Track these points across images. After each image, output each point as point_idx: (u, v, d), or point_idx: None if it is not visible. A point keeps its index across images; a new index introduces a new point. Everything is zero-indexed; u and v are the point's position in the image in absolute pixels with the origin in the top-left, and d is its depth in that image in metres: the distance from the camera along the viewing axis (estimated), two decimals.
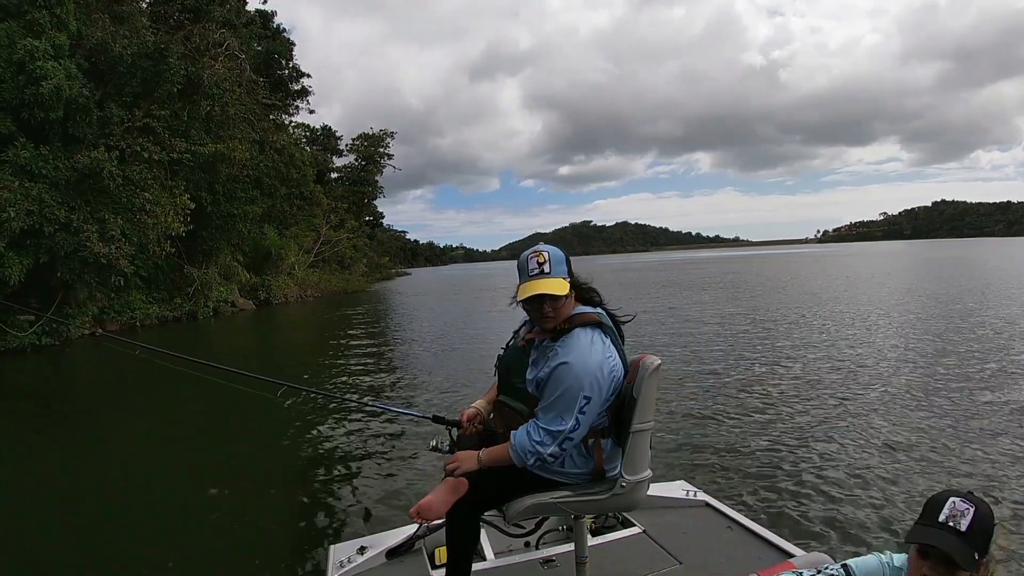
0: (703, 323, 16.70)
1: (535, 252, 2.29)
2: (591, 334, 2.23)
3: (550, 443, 2.15)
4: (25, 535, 5.11)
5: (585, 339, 2.21)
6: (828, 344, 12.23)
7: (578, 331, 2.22)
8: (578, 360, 2.15)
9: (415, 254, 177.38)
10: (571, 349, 2.18)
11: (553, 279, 2.24)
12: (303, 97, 47.15)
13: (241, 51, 29.01)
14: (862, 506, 4.78)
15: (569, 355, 2.16)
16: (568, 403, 2.13)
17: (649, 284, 37.26)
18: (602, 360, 2.19)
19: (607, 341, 2.26)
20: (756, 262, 72.04)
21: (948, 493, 1.53)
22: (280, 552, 4.56)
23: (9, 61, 17.69)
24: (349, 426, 7.89)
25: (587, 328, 2.24)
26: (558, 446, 2.16)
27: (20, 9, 18.33)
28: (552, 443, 2.15)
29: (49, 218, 17.94)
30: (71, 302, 20.04)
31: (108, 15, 22.09)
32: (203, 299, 26.76)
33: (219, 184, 26.03)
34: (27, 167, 17.97)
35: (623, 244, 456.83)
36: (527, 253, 2.34)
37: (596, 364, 2.16)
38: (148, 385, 11.20)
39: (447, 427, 2.70)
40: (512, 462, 2.23)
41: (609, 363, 2.21)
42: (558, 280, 2.24)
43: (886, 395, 8.11)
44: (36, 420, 9.98)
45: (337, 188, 52.95)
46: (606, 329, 2.28)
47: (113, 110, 21.45)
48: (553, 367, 2.18)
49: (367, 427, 7.76)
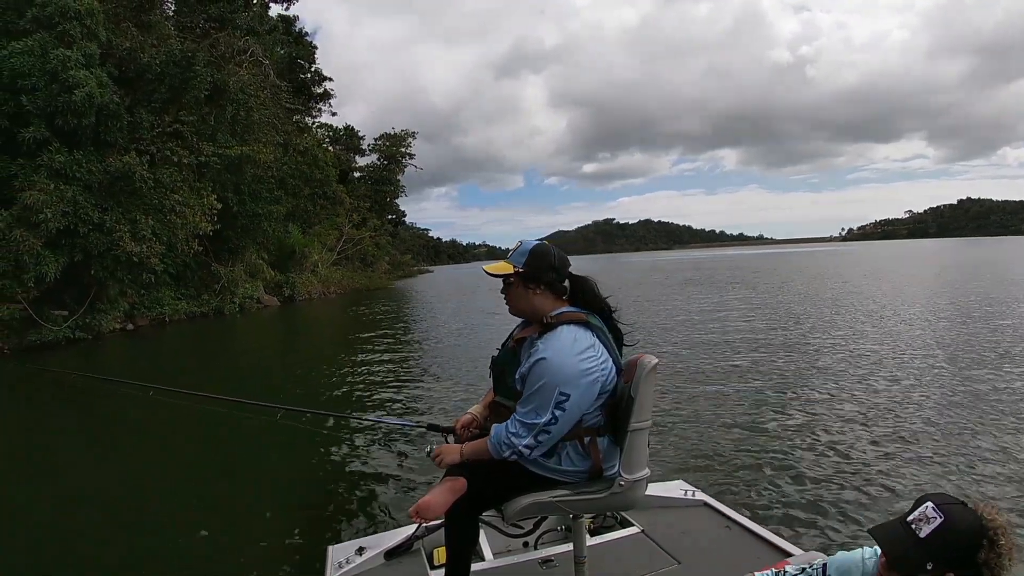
0: (705, 322, 16.68)
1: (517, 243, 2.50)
2: (575, 332, 2.27)
3: (525, 435, 2.21)
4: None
5: (567, 336, 2.25)
6: (833, 343, 12.08)
7: (561, 328, 2.28)
8: (555, 356, 2.20)
9: (438, 252, 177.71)
10: (550, 345, 2.24)
11: (500, 262, 2.46)
12: (325, 100, 48.22)
13: (265, 57, 29.82)
14: (863, 506, 4.80)
15: (547, 351, 2.22)
16: (545, 397, 2.18)
17: (654, 285, 37.16)
18: (581, 357, 2.22)
19: (593, 340, 2.29)
20: (784, 261, 70.78)
21: (933, 496, 1.54)
22: (278, 553, 4.56)
23: (43, 71, 18.56)
24: (348, 431, 7.87)
25: (571, 325, 2.29)
26: (533, 438, 2.21)
27: (52, 21, 19.24)
28: (527, 435, 2.21)
29: (83, 219, 19.00)
30: (103, 298, 21.03)
31: (135, 24, 23.03)
32: (230, 296, 27.69)
33: (245, 185, 26.92)
34: (62, 170, 18.90)
35: (646, 242, 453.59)
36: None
37: (573, 361, 2.21)
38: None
39: (443, 434, 2.76)
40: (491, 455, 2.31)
41: (590, 361, 2.24)
42: (501, 263, 2.44)
43: (889, 395, 8.01)
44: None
45: (360, 187, 53.61)
46: (593, 328, 2.32)
47: (143, 116, 22.37)
48: (532, 362, 2.24)
49: (365, 433, 7.77)
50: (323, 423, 7.77)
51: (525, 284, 2.38)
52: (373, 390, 10.60)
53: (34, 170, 18.54)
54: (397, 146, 57.73)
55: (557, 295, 2.41)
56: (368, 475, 6.24)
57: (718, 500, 3.49)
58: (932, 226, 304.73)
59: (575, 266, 2.48)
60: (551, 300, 2.40)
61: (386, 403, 9.63)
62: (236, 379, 13.19)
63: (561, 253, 2.44)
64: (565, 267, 2.42)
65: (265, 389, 11.25)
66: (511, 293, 2.43)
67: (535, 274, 2.37)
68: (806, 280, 33.27)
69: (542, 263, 2.37)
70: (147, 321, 23.21)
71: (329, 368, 13.07)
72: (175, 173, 22.60)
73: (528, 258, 2.38)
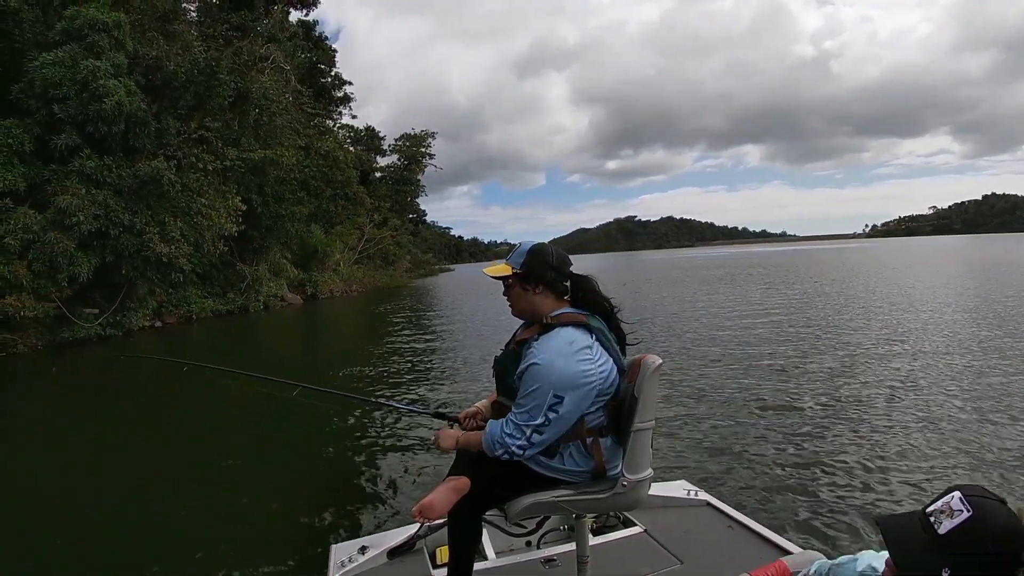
0: (708, 322, 16.69)
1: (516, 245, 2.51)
2: (572, 334, 2.25)
3: (519, 437, 2.20)
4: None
5: (563, 338, 2.23)
6: (840, 344, 12.01)
7: (559, 330, 2.25)
8: (549, 359, 2.18)
9: (459, 250, 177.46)
10: (545, 348, 2.22)
11: (500, 264, 2.48)
12: (345, 103, 49.08)
13: (286, 63, 30.65)
14: (865, 506, 4.77)
15: (542, 354, 2.20)
16: (539, 400, 2.17)
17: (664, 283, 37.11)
18: (577, 360, 2.20)
19: (592, 341, 2.27)
20: (808, 258, 68.80)
21: (963, 487, 1.28)
22: (281, 551, 4.55)
23: (73, 80, 19.51)
24: (352, 424, 7.92)
25: (569, 327, 2.26)
26: (526, 440, 2.20)
27: (81, 33, 20.20)
28: (520, 437, 2.20)
29: (114, 221, 19.98)
30: (133, 297, 21.99)
31: (160, 33, 23.99)
32: (254, 294, 28.60)
33: (268, 187, 27.85)
34: (93, 176, 19.91)
35: (668, 239, 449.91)
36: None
37: (569, 364, 2.18)
38: (157, 383, 11.83)
39: (448, 423, 2.76)
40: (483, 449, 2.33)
41: (586, 364, 2.21)
42: (501, 265, 2.45)
43: (894, 397, 7.94)
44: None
45: (380, 187, 54.38)
46: (593, 329, 2.29)
47: (169, 122, 23.36)
48: (527, 365, 2.22)
49: (370, 425, 7.81)
50: (332, 406, 7.73)
51: (523, 285, 2.39)
52: (388, 380, 10.89)
53: (66, 175, 19.55)
54: (417, 146, 58.23)
55: (558, 295, 2.41)
56: (371, 474, 6.27)
57: (721, 500, 3.47)
58: (956, 222, 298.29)
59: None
60: (551, 300, 2.39)
61: (398, 392, 9.80)
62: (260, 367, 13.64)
63: (560, 252, 2.44)
64: (564, 266, 2.41)
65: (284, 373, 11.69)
66: (512, 295, 2.44)
67: (533, 274, 2.37)
68: (821, 277, 33.00)
69: (540, 263, 2.37)
70: (175, 319, 24.14)
71: (347, 360, 13.48)
72: (201, 177, 23.56)
73: (526, 258, 2.39)
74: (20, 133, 18.99)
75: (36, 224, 18.27)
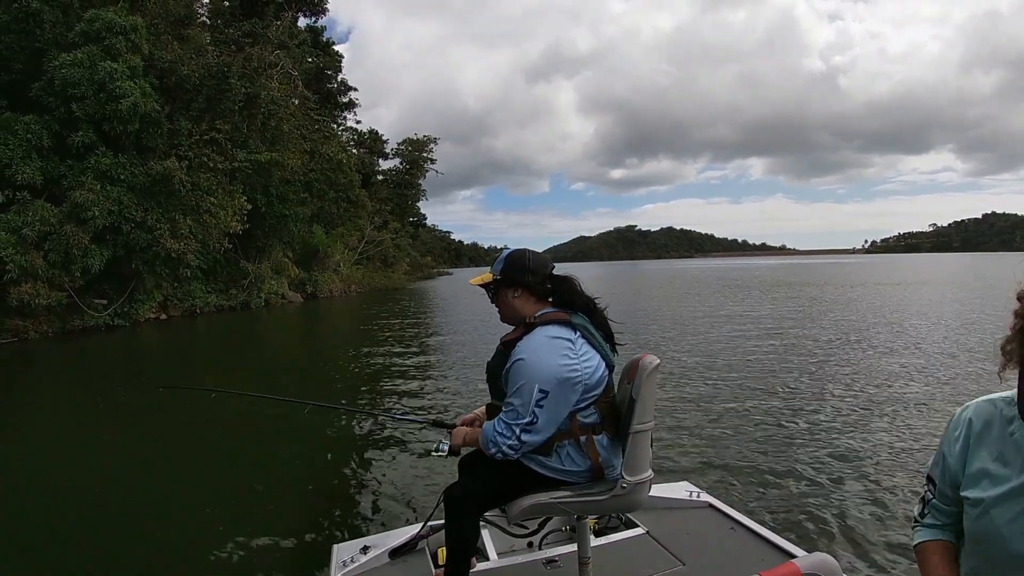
0: (710, 324, 17.00)
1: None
2: (553, 330, 2.30)
3: (509, 436, 2.23)
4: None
5: (544, 335, 2.29)
6: (841, 347, 12.20)
7: (539, 327, 2.31)
8: (532, 356, 2.23)
9: (459, 254, 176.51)
10: (527, 346, 2.27)
11: (484, 273, 2.58)
12: (350, 109, 50.02)
13: (294, 69, 31.57)
14: (867, 507, 4.77)
15: (524, 352, 2.25)
16: (524, 396, 2.20)
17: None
18: (558, 354, 2.24)
19: (575, 336, 2.31)
20: (807, 271, 68.39)
21: None
22: (283, 551, 4.54)
23: (91, 81, 20.38)
24: (353, 428, 7.89)
25: (551, 325, 2.32)
26: (517, 439, 2.23)
27: (99, 35, 21.09)
28: (511, 436, 2.23)
29: (127, 217, 20.93)
30: (140, 290, 22.88)
31: (175, 37, 24.91)
32: (256, 291, 29.54)
33: (273, 187, 28.79)
34: (108, 173, 20.84)
35: (668, 250, 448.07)
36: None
37: (550, 359, 2.22)
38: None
39: (447, 431, 2.75)
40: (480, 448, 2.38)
41: (568, 359, 2.25)
42: (485, 274, 2.56)
43: (901, 403, 7.94)
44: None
45: (382, 190, 54.99)
46: (576, 326, 2.33)
47: (182, 123, 24.29)
48: (511, 364, 2.27)
49: (370, 430, 7.79)
50: (329, 416, 7.91)
51: (505, 290, 2.47)
52: (382, 387, 10.86)
53: (82, 171, 20.47)
54: (419, 151, 58.90)
55: (539, 297, 2.46)
56: (373, 474, 6.26)
57: (723, 502, 3.45)
58: (956, 240, 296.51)
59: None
60: (533, 302, 2.45)
61: (392, 400, 9.73)
62: (261, 370, 13.93)
63: (538, 256, 2.52)
64: (543, 269, 2.47)
65: (284, 380, 12.25)
66: (497, 301, 2.53)
67: (512, 279, 2.44)
68: (817, 288, 33.31)
69: (517, 268, 2.45)
70: (179, 312, 25.04)
71: (342, 363, 13.77)
72: (210, 177, 24.47)
73: (503, 265, 2.47)
74: (39, 129, 19.82)
75: (53, 217, 19.12)
